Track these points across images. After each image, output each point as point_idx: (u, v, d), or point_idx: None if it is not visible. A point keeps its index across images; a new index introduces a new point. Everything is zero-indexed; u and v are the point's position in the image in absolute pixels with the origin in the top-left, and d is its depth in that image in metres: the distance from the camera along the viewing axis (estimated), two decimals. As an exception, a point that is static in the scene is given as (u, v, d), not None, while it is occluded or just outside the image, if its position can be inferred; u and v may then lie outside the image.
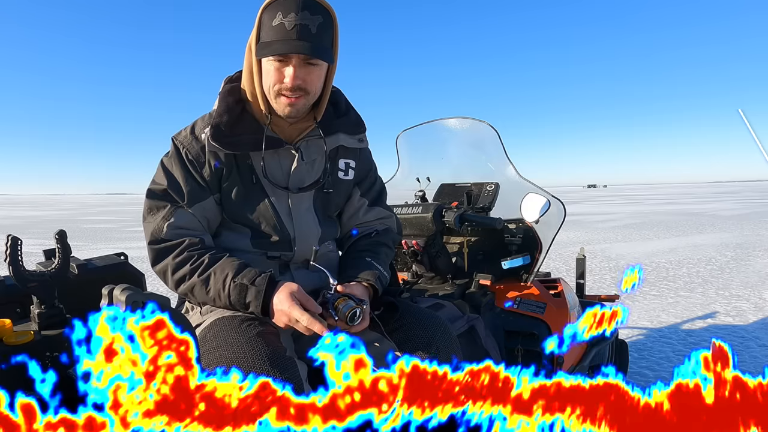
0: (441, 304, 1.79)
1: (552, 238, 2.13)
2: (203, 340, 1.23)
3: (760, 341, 3.57)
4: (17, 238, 1.11)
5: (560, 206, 2.10)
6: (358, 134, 1.53)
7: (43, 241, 10.54)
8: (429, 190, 2.42)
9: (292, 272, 1.43)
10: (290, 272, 1.43)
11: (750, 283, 5.52)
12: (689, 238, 9.86)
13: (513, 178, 2.24)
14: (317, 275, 1.39)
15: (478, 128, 2.31)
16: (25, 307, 1.31)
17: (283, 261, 1.43)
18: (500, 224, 2.08)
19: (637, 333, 3.83)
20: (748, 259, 7.16)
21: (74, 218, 23.62)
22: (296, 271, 1.44)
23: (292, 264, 1.44)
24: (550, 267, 6.43)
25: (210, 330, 1.25)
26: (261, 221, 1.39)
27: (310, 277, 1.42)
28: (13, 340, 1.07)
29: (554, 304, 2.05)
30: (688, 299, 4.85)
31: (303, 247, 1.42)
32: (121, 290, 0.82)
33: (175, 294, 1.38)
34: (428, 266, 2.14)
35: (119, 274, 1.52)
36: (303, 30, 1.23)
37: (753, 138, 1.16)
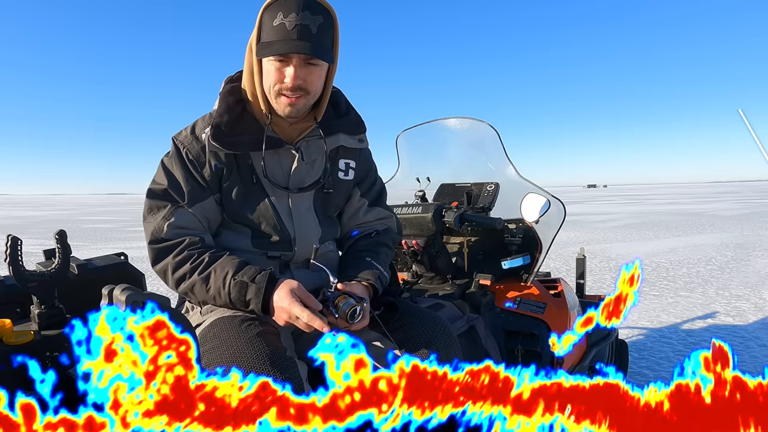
0: (441, 304, 1.79)
1: (552, 238, 2.13)
2: (203, 339, 1.23)
3: (760, 341, 3.57)
4: (17, 238, 1.11)
5: (560, 206, 2.10)
6: (359, 134, 1.53)
7: (43, 241, 10.54)
8: (429, 190, 2.42)
9: (292, 271, 1.43)
10: (290, 272, 1.43)
11: (750, 283, 5.52)
12: (689, 238, 9.86)
13: (513, 178, 2.24)
14: (317, 274, 1.39)
15: (478, 128, 2.31)
16: (25, 307, 1.31)
17: (283, 261, 1.43)
18: (500, 224, 2.08)
19: (637, 333, 3.83)
20: (748, 259, 7.16)
21: (74, 218, 23.62)
22: (296, 270, 1.44)
23: (292, 264, 1.45)
24: (550, 267, 6.43)
25: (210, 330, 1.25)
26: (261, 221, 1.39)
27: (311, 276, 1.42)
28: (13, 340, 1.07)
29: (554, 304, 2.05)
30: (688, 299, 4.85)
31: (303, 247, 1.42)
32: (121, 290, 0.82)
33: (175, 294, 1.38)
34: (428, 266, 2.14)
35: (119, 274, 1.52)
36: (303, 30, 1.23)
37: (753, 138, 1.16)
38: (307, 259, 1.42)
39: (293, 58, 1.26)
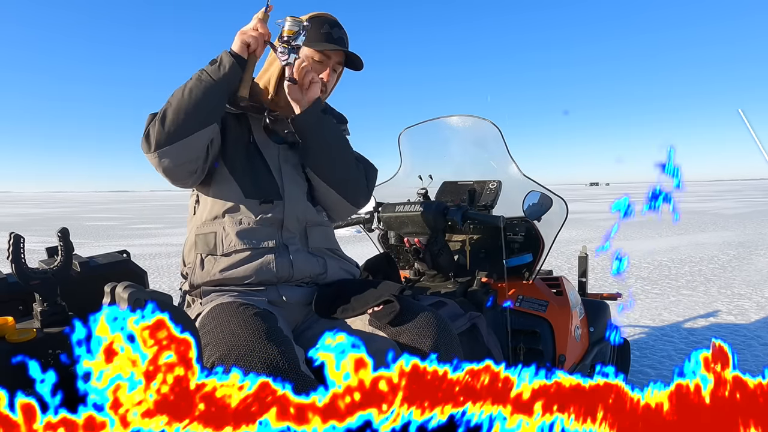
0: (443, 302, 1.79)
1: (554, 236, 2.12)
2: (202, 324, 1.25)
3: (762, 340, 3.56)
4: (20, 235, 1.11)
5: (562, 204, 2.10)
6: (343, 124, 1.70)
7: (46, 239, 10.57)
8: (431, 188, 2.41)
9: (291, 254, 1.44)
10: (289, 254, 1.44)
11: (752, 282, 5.51)
12: (691, 237, 9.85)
13: (515, 176, 2.23)
14: (317, 259, 1.47)
15: (481, 126, 2.31)
16: (28, 305, 1.31)
17: (276, 219, 1.45)
18: (502, 222, 2.07)
19: (639, 331, 3.82)
20: (751, 258, 7.15)
21: (76, 216, 23.67)
22: (295, 253, 1.45)
23: (290, 244, 1.45)
24: (552, 265, 6.42)
25: (209, 314, 1.28)
26: (251, 171, 1.48)
27: (311, 261, 1.46)
28: (16, 337, 1.07)
29: (556, 302, 2.05)
30: (690, 298, 4.85)
31: (292, 199, 1.48)
32: (123, 288, 0.82)
33: (177, 292, 1.39)
34: (430, 264, 2.14)
35: (121, 271, 1.52)
36: (341, 42, 1.51)
37: (753, 138, 1.16)
38: (305, 241, 1.49)
39: (333, 59, 1.52)
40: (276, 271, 1.40)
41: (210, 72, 1.35)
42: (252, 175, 1.47)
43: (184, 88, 1.35)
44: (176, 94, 1.35)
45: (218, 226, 1.43)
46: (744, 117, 1.17)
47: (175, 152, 1.35)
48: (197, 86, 1.33)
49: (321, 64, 1.51)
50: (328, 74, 1.51)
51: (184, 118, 1.33)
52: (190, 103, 1.33)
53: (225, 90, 1.37)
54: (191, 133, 1.34)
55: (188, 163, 1.39)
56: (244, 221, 1.42)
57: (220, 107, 1.40)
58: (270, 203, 1.45)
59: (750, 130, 1.16)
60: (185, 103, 1.33)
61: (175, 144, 1.34)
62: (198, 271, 1.42)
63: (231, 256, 1.40)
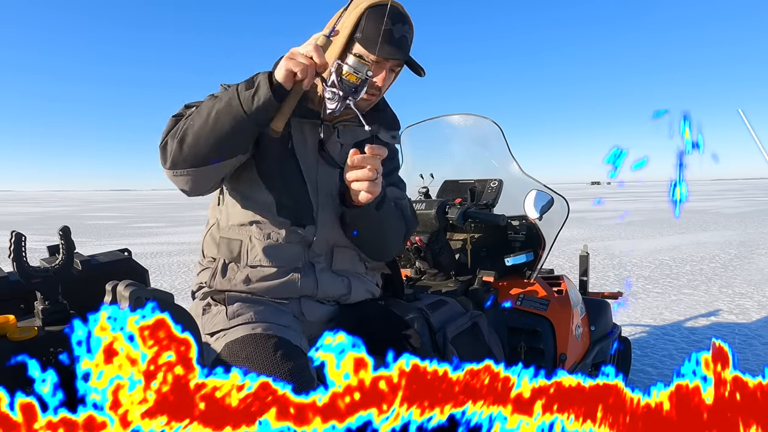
0: (444, 301, 1.79)
1: (555, 235, 2.12)
2: (232, 352, 1.17)
3: (763, 339, 3.56)
4: (21, 234, 1.11)
5: (564, 203, 2.10)
6: (393, 130, 1.52)
7: (47, 237, 10.60)
8: (432, 186, 2.42)
9: (317, 273, 1.38)
10: (315, 273, 1.38)
11: (753, 281, 5.50)
12: (693, 236, 9.83)
13: (516, 174, 2.23)
14: (341, 279, 1.41)
15: (482, 125, 2.31)
16: (29, 303, 1.31)
17: (306, 240, 1.37)
18: (503, 221, 2.07)
19: (640, 330, 3.82)
20: (752, 257, 7.14)
21: (78, 214, 23.70)
22: (321, 272, 1.39)
23: (317, 265, 1.39)
24: (554, 264, 6.42)
25: (240, 346, 1.18)
26: (287, 185, 1.35)
27: (336, 282, 1.41)
28: (17, 336, 1.08)
29: (557, 301, 2.05)
30: (692, 297, 4.84)
31: (325, 224, 1.38)
32: (124, 286, 0.83)
33: (178, 291, 1.37)
34: (431, 263, 2.14)
35: (123, 270, 1.52)
36: (403, 41, 1.30)
37: (753, 138, 1.16)
38: (330, 256, 1.40)
39: (389, 62, 1.32)
40: (300, 288, 1.35)
41: (243, 100, 1.12)
42: (287, 192, 1.35)
43: (210, 108, 1.15)
44: (201, 111, 1.17)
45: (245, 234, 1.36)
46: (744, 117, 1.17)
47: (192, 177, 1.24)
48: (225, 114, 1.14)
49: (377, 65, 1.31)
50: (384, 78, 1.32)
51: (204, 146, 1.17)
52: (213, 132, 1.15)
53: (257, 124, 1.16)
54: (210, 164, 1.20)
55: (206, 188, 1.30)
56: (273, 236, 1.34)
57: (248, 142, 1.22)
58: (302, 227, 1.36)
59: (750, 130, 1.16)
60: (207, 131, 1.16)
61: (192, 171, 1.22)
62: (219, 277, 1.37)
63: (256, 269, 1.34)
